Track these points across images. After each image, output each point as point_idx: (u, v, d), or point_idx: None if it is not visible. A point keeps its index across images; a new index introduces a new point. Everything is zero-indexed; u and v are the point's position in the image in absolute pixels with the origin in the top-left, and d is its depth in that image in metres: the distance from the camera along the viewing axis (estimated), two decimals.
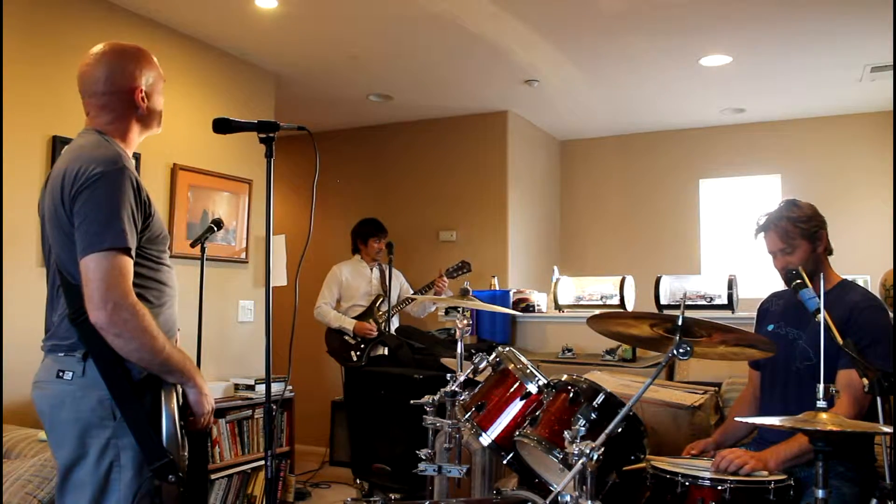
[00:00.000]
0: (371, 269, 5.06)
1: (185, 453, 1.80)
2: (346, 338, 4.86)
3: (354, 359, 4.78)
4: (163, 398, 1.79)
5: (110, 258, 1.70)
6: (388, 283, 4.97)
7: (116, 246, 1.71)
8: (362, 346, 4.81)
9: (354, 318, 4.89)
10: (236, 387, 4.18)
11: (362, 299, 4.97)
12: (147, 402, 1.77)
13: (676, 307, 3.61)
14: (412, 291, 5.08)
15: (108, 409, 1.74)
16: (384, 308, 4.92)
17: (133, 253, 1.77)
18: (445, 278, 4.88)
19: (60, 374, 1.77)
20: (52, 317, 1.85)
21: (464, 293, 2.91)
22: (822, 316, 1.89)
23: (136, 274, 1.80)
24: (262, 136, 1.98)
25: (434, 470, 2.44)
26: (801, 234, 2.38)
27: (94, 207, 1.72)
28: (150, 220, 1.85)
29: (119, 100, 1.91)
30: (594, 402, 1.95)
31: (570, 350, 3.87)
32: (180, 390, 1.88)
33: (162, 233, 1.93)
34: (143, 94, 1.93)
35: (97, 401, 1.74)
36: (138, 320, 1.71)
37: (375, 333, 4.80)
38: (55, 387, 1.78)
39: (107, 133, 1.90)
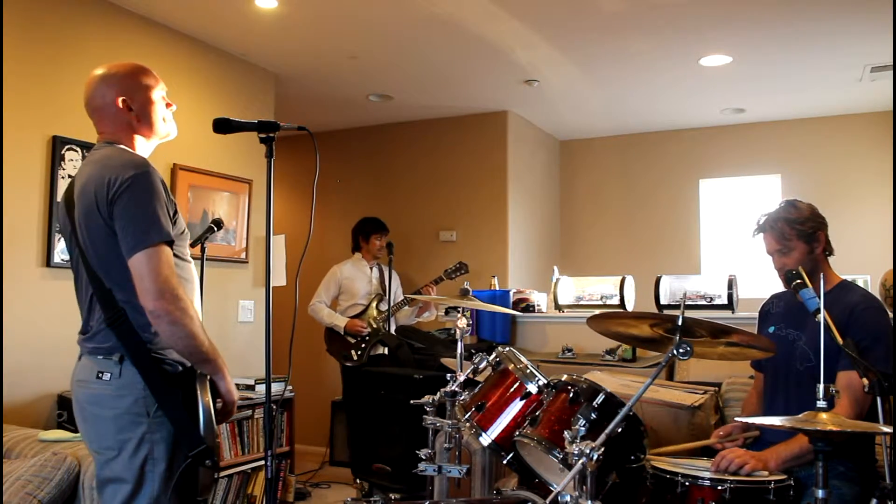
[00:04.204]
0: (371, 269, 5.06)
1: (219, 440, 1.89)
2: (348, 337, 4.86)
3: (355, 358, 4.78)
4: (198, 391, 1.92)
5: (159, 252, 1.84)
6: (388, 283, 4.97)
7: (162, 240, 1.85)
8: (363, 345, 4.81)
9: (351, 316, 4.89)
10: (236, 387, 4.17)
11: (363, 298, 4.96)
12: (182, 396, 1.90)
13: (676, 307, 3.61)
14: (402, 297, 5.08)
15: (142, 407, 1.87)
16: (383, 308, 4.92)
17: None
18: (433, 286, 4.89)
19: (100, 375, 1.90)
20: (90, 320, 1.97)
21: (464, 293, 2.91)
22: (822, 316, 1.89)
23: None
24: (263, 136, 2.02)
25: (434, 470, 2.44)
26: (797, 235, 2.38)
27: (134, 208, 1.85)
28: (176, 217, 1.98)
29: (108, 114, 2.04)
30: (594, 402, 1.95)
31: (570, 350, 3.87)
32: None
33: (184, 229, 2.05)
34: (125, 103, 2.03)
35: (132, 400, 1.87)
36: (189, 310, 1.86)
37: (366, 332, 4.80)
38: (96, 387, 1.91)
39: (118, 143, 2.03)
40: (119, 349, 1.89)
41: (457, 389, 2.51)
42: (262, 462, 4.04)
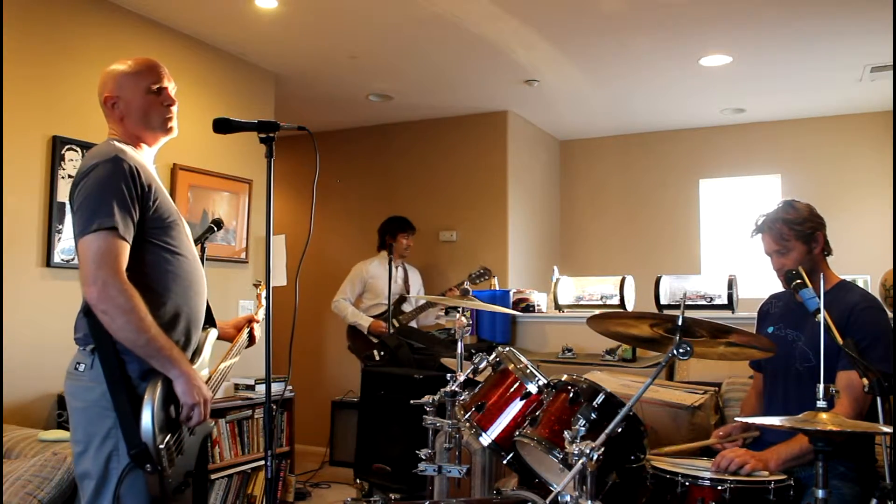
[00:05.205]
0: (397, 268, 5.07)
1: (162, 446, 1.83)
2: (371, 337, 4.87)
3: (377, 358, 4.78)
4: (147, 390, 1.84)
5: (100, 238, 1.79)
6: (389, 284, 4.96)
7: (105, 226, 1.79)
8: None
9: (375, 316, 4.90)
10: (236, 387, 4.17)
11: (386, 298, 4.98)
12: (139, 396, 1.83)
13: (676, 307, 3.61)
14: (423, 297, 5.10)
15: (110, 400, 1.82)
16: (407, 309, 4.94)
17: (126, 235, 1.83)
18: (457, 290, 4.90)
19: (77, 366, 1.88)
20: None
21: (464, 293, 2.91)
22: (822, 316, 1.89)
23: (143, 260, 1.89)
24: (263, 136, 2.00)
25: (434, 470, 2.44)
26: (795, 235, 2.38)
27: (86, 195, 1.83)
28: (150, 205, 1.91)
29: (106, 110, 2.05)
30: (594, 402, 1.95)
31: (570, 350, 3.87)
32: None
33: (170, 218, 1.97)
34: (113, 100, 2.02)
35: (101, 393, 1.83)
36: (125, 299, 1.78)
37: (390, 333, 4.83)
38: (73, 378, 1.89)
39: (116, 139, 2.01)
40: (91, 340, 1.85)
41: (457, 389, 2.51)
42: (262, 462, 4.04)
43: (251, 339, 2.37)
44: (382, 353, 4.78)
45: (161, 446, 1.81)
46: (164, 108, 2.06)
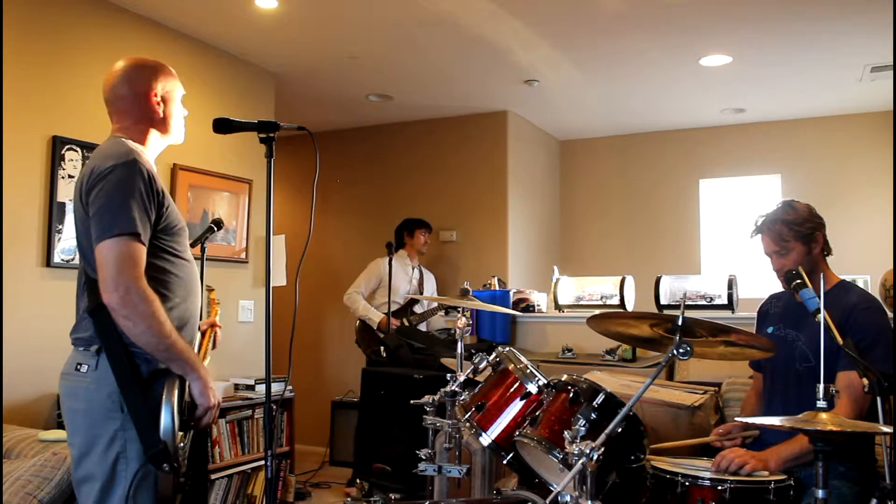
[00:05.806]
0: (413, 269, 5.09)
1: (182, 444, 1.84)
2: (380, 332, 4.89)
3: (384, 354, 4.79)
4: (165, 390, 1.84)
5: (121, 243, 1.79)
6: (389, 283, 4.97)
7: (126, 231, 1.79)
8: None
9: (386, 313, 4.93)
10: (236, 387, 4.18)
11: (400, 297, 5.01)
12: (153, 396, 1.83)
13: (676, 307, 3.61)
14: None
15: (116, 402, 1.81)
16: (417, 310, 4.96)
17: (145, 240, 1.84)
18: None
19: (78, 367, 1.86)
20: (78, 310, 1.94)
21: (464, 293, 2.91)
22: (822, 316, 1.89)
23: (152, 265, 1.88)
24: (263, 136, 2.01)
25: (434, 470, 2.44)
26: (795, 236, 2.38)
27: (105, 198, 1.81)
28: (164, 211, 1.92)
29: (135, 104, 2.02)
30: (594, 402, 1.95)
31: (570, 350, 3.87)
32: (186, 387, 1.92)
33: (178, 224, 1.99)
34: (159, 98, 2.04)
35: (107, 394, 1.81)
36: (147, 305, 1.79)
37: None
38: (73, 379, 1.87)
39: (125, 136, 2.00)
40: (96, 340, 1.83)
41: (457, 389, 2.51)
42: (262, 462, 4.05)
43: (214, 344, 2.38)
44: (389, 351, 4.81)
45: (180, 445, 1.83)
46: (181, 117, 2.15)
